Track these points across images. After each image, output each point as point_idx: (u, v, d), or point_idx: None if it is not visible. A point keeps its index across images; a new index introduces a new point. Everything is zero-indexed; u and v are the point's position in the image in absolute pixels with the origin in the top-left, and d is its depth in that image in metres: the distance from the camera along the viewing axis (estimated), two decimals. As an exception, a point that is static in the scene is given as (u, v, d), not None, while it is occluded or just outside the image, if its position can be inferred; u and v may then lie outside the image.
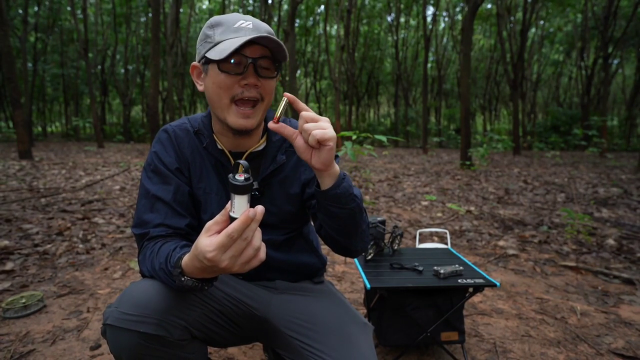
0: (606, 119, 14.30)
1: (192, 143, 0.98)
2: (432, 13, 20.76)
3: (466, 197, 5.56)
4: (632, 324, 1.92)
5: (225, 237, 0.64)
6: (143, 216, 0.91)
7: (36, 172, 6.99)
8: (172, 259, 0.78)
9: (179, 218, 0.92)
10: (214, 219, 0.68)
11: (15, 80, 8.93)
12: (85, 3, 16.78)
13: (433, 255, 1.76)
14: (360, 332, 0.95)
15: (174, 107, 18.00)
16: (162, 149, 0.97)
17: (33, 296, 1.97)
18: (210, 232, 0.67)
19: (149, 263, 0.84)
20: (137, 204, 0.95)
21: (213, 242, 0.65)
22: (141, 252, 0.89)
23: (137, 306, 0.77)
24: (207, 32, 0.89)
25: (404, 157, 14.50)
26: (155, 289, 0.80)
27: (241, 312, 0.97)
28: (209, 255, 0.65)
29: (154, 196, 0.92)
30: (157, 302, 0.79)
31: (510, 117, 23.46)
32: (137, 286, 0.82)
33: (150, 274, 0.84)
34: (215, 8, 24.64)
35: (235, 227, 0.64)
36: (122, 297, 0.80)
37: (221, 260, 0.65)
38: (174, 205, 0.92)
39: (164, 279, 0.80)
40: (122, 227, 3.47)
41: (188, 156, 0.97)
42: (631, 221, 4.02)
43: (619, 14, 15.54)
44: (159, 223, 0.90)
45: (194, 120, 1.02)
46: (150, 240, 0.89)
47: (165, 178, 0.94)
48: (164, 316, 0.78)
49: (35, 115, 26.74)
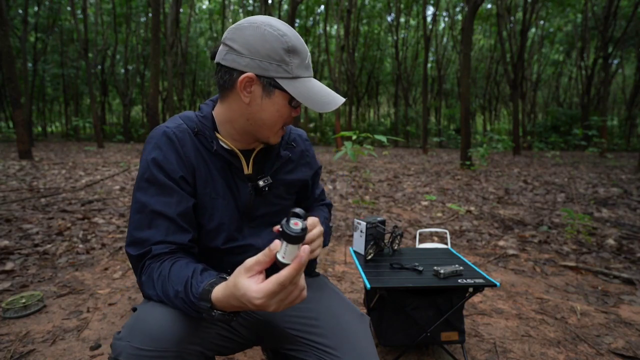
0: (606, 119, 14.30)
1: (194, 145, 0.90)
2: (432, 13, 20.78)
3: (466, 197, 5.56)
4: (632, 324, 1.92)
5: (277, 286, 0.63)
6: (139, 234, 0.82)
7: (36, 172, 6.99)
8: (194, 289, 0.72)
9: (182, 234, 0.84)
10: (255, 258, 0.66)
11: (15, 80, 8.93)
12: (85, 3, 16.77)
13: (433, 255, 1.76)
14: (359, 323, 0.97)
15: (174, 107, 17.99)
16: (161, 155, 0.86)
17: (33, 296, 1.97)
18: (252, 273, 0.65)
19: (159, 287, 0.77)
20: (130, 218, 0.85)
21: (262, 289, 0.63)
22: (143, 273, 0.81)
23: (152, 340, 0.71)
24: (284, 56, 0.83)
25: (404, 157, 14.50)
26: (170, 318, 0.74)
27: (245, 321, 0.97)
28: (257, 302, 0.63)
29: (152, 211, 0.82)
30: (173, 333, 0.73)
31: (510, 117, 23.49)
32: (148, 315, 0.75)
33: (160, 299, 0.77)
34: (216, 8, 24.65)
35: (288, 276, 0.63)
36: (132, 329, 0.73)
37: (269, 305, 0.64)
38: (177, 219, 0.84)
39: (182, 308, 0.74)
40: (122, 227, 3.47)
41: (193, 160, 0.89)
42: (631, 221, 4.02)
43: (619, 14, 15.54)
44: (160, 240, 0.81)
45: (189, 120, 0.93)
46: (154, 259, 0.81)
47: (166, 189, 0.84)
48: (181, 346, 0.74)
49: (35, 115, 26.74)
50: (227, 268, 0.90)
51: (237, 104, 0.88)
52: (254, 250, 0.93)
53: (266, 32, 0.82)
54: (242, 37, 0.83)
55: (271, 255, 0.65)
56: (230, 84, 0.86)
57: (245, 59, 0.83)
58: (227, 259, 0.94)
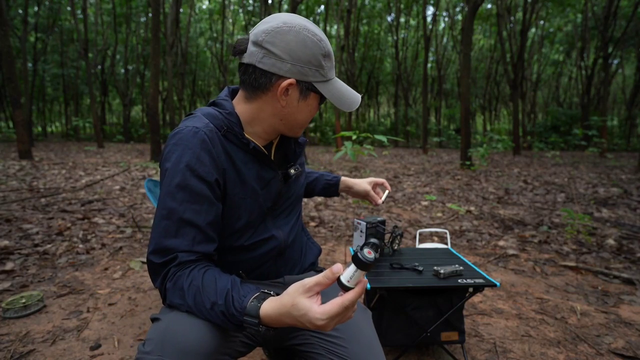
0: (606, 119, 14.29)
1: (223, 145, 0.87)
2: (432, 13, 20.78)
3: (466, 197, 5.56)
4: (632, 324, 1.92)
5: (341, 309, 0.67)
6: (165, 242, 0.78)
7: (36, 172, 6.99)
8: (237, 303, 0.72)
9: (209, 244, 0.82)
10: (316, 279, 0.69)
11: (15, 80, 8.93)
12: (85, 3, 16.77)
13: (433, 255, 1.76)
14: (362, 316, 0.99)
15: (174, 107, 18.00)
16: (195, 159, 0.81)
17: (33, 296, 1.97)
18: (312, 293, 0.69)
19: (190, 297, 0.75)
20: (155, 224, 0.81)
21: (326, 311, 0.66)
22: (169, 280, 0.78)
23: (186, 353, 0.70)
24: (322, 61, 0.87)
25: (404, 157, 14.50)
26: (201, 329, 0.73)
27: None
28: (320, 323, 0.66)
29: (181, 219, 0.79)
30: (208, 346, 0.72)
31: (510, 117, 23.49)
32: (180, 328, 0.73)
33: (190, 309, 0.75)
34: (216, 8, 24.64)
35: (352, 299, 0.67)
36: (164, 343, 0.70)
37: (328, 326, 0.67)
38: (206, 228, 0.81)
39: (220, 321, 0.74)
40: (122, 227, 3.47)
41: (224, 162, 0.86)
42: (631, 221, 4.02)
43: (619, 14, 15.54)
44: (187, 250, 0.79)
45: (215, 119, 0.88)
46: (180, 267, 0.79)
47: (198, 196, 0.81)
48: (214, 357, 0.74)
49: (35, 115, 26.75)
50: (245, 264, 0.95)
51: (271, 106, 0.89)
52: (274, 241, 0.97)
53: (307, 38, 0.84)
54: (283, 41, 0.82)
55: (333, 278, 0.68)
56: (267, 87, 0.86)
57: (287, 65, 0.83)
58: (245, 255, 0.95)
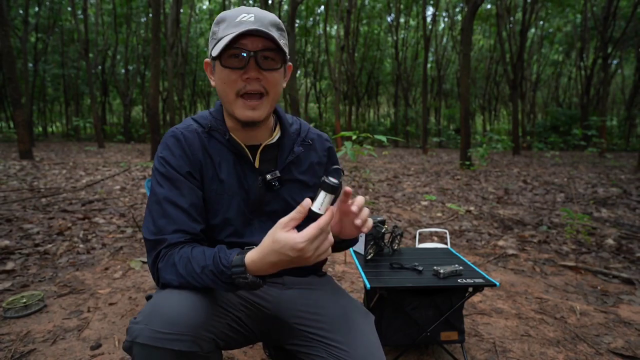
0: (605, 119, 14.32)
1: (202, 144, 0.95)
2: (431, 13, 20.79)
3: (466, 197, 5.56)
4: (632, 323, 1.93)
5: (317, 230, 0.72)
6: (156, 222, 0.88)
7: (37, 172, 6.99)
8: (224, 260, 0.78)
9: (195, 223, 0.90)
10: (289, 215, 0.75)
11: (15, 80, 8.93)
12: (85, 3, 16.77)
13: (433, 255, 1.76)
14: (364, 320, 0.99)
15: (174, 107, 17.98)
16: (169, 154, 0.93)
17: (33, 296, 1.97)
18: (288, 227, 0.74)
19: (182, 267, 0.81)
20: (148, 209, 0.91)
21: (304, 234, 0.72)
22: (160, 260, 0.85)
23: (170, 324, 0.74)
24: (214, 28, 0.90)
25: (404, 157, 14.50)
26: (188, 304, 0.78)
27: (253, 313, 0.99)
28: (300, 245, 0.71)
29: (167, 201, 0.89)
30: (190, 318, 0.77)
31: (510, 117, 23.46)
32: (166, 301, 0.78)
33: (182, 282, 0.81)
34: (216, 8, 24.65)
35: (326, 221, 0.73)
36: (151, 314, 0.76)
37: (308, 250, 0.72)
38: (190, 210, 0.90)
39: (210, 282, 0.79)
40: (123, 227, 3.48)
41: (200, 158, 0.94)
42: (630, 221, 4.02)
43: (618, 14, 15.55)
44: (176, 229, 0.87)
45: (202, 119, 0.99)
46: (170, 248, 0.85)
47: (177, 183, 0.91)
48: (197, 332, 0.77)
49: (35, 116, 26.72)
50: None
51: None
52: None
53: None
54: None
55: (304, 211, 0.74)
56: None
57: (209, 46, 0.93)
58: None
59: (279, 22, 0.91)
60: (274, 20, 0.89)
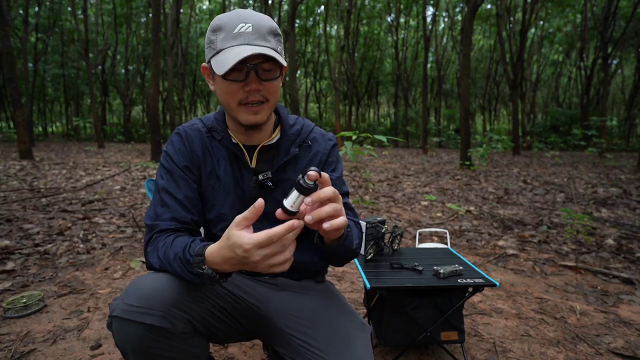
0: (605, 119, 14.31)
1: (203, 142, 1.02)
2: (431, 13, 20.79)
3: (466, 197, 5.56)
4: (632, 323, 1.93)
5: (266, 238, 0.69)
6: (156, 209, 0.96)
7: (37, 172, 7.00)
8: (191, 249, 0.81)
9: (186, 213, 0.97)
10: (242, 214, 0.73)
11: (16, 80, 8.93)
12: (85, 3, 16.78)
13: (433, 255, 1.76)
14: (359, 332, 0.96)
15: (174, 107, 17.99)
16: (172, 149, 1.01)
17: (33, 296, 1.97)
18: (241, 226, 0.73)
19: (162, 253, 0.86)
20: (153, 198, 1.01)
21: (252, 237, 0.70)
22: (150, 244, 0.92)
23: (143, 298, 0.79)
24: (211, 36, 0.91)
25: (404, 157, 14.51)
26: (162, 282, 0.82)
27: (241, 308, 0.98)
28: (246, 246, 0.70)
29: (165, 191, 0.97)
30: (163, 294, 0.80)
31: (510, 117, 23.46)
32: (144, 279, 0.83)
33: (161, 265, 0.86)
34: (216, 8, 24.65)
35: (278, 231, 0.69)
36: (128, 290, 0.81)
37: (253, 254, 0.70)
38: (184, 201, 0.97)
39: (178, 269, 0.83)
40: (123, 227, 3.48)
41: (199, 155, 1.01)
42: (630, 221, 4.02)
43: (618, 14, 15.56)
44: (170, 217, 0.94)
45: (207, 120, 1.06)
46: (161, 233, 0.92)
47: (175, 175, 0.98)
48: (169, 309, 0.80)
49: (35, 116, 26.73)
50: None
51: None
52: None
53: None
54: None
55: (256, 212, 0.72)
56: None
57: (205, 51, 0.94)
58: None
59: (276, 27, 0.92)
60: (271, 27, 0.90)
